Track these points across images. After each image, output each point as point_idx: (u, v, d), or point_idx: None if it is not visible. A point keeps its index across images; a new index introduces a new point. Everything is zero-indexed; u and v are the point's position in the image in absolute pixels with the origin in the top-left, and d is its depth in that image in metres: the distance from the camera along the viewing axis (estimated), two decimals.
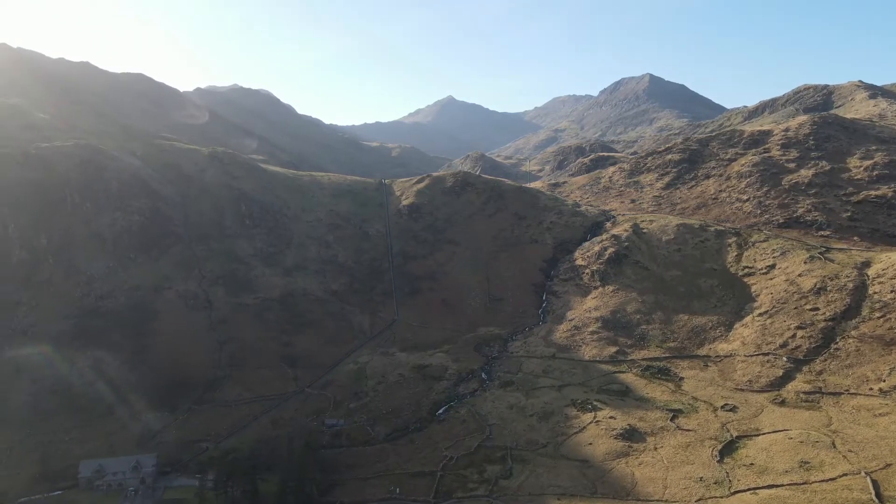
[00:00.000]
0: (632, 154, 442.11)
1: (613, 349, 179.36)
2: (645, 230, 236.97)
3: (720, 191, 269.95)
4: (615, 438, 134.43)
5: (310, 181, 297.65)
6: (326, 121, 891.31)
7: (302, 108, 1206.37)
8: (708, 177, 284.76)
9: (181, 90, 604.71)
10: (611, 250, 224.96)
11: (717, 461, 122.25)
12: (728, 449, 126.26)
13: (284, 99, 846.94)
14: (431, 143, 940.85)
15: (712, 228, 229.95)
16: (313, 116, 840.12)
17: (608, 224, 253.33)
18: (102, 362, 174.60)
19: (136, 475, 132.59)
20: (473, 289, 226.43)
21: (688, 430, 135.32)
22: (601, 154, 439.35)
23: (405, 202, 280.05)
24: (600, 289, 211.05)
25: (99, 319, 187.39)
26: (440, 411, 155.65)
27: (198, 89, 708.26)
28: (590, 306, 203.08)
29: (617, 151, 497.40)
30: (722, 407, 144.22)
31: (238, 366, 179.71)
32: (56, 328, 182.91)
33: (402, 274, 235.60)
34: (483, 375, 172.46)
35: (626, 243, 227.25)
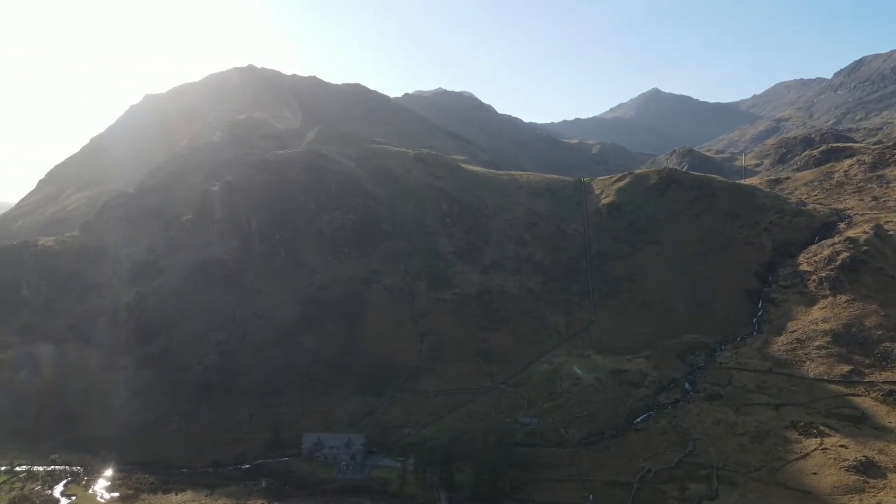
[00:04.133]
0: (875, 144, 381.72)
1: (846, 368, 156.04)
2: (891, 232, 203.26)
3: None
4: (846, 471, 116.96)
5: (508, 180, 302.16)
6: (525, 119, 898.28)
7: (502, 108, 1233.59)
8: None
9: (391, 96, 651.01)
10: (844, 255, 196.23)
11: None
12: None
13: (485, 100, 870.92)
14: (634, 138, 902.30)
15: None
16: (512, 115, 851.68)
17: (842, 225, 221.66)
18: (321, 346, 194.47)
19: (348, 451, 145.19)
20: (677, 293, 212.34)
21: None
22: (834, 145, 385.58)
23: (605, 200, 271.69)
24: (830, 298, 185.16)
25: (319, 308, 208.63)
26: (638, 419, 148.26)
27: (406, 95, 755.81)
28: (816, 317, 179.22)
29: (855, 141, 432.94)
30: None
31: (436, 358, 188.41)
32: (285, 314, 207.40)
33: (600, 274, 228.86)
34: (686, 386, 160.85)
35: (865, 247, 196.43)
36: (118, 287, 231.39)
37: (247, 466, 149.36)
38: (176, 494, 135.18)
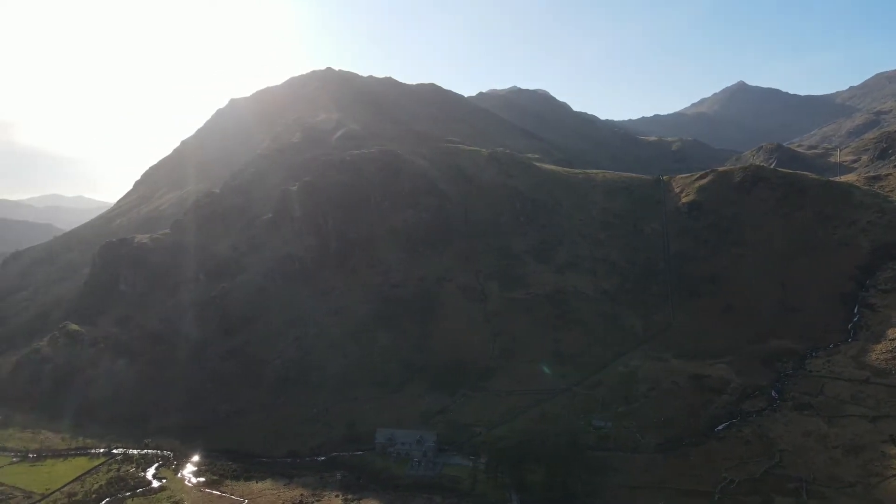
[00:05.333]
0: None
1: None
2: None
3: None
4: None
5: (583, 178, 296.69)
6: (602, 117, 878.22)
7: (577, 106, 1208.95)
8: None
9: (465, 95, 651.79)
10: None
11: None
12: None
13: (560, 97, 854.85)
14: (717, 135, 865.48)
15: None
16: (588, 113, 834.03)
17: None
18: (395, 344, 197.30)
19: (420, 448, 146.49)
20: (763, 296, 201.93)
21: None
22: None
23: (685, 199, 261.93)
24: None
25: (392, 305, 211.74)
26: (719, 427, 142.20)
27: (480, 94, 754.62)
28: None
29: None
30: None
31: (508, 357, 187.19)
32: (359, 311, 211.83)
33: (680, 276, 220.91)
34: (773, 394, 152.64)
35: None
36: (204, 282, 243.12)
37: (322, 458, 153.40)
38: (256, 482, 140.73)
